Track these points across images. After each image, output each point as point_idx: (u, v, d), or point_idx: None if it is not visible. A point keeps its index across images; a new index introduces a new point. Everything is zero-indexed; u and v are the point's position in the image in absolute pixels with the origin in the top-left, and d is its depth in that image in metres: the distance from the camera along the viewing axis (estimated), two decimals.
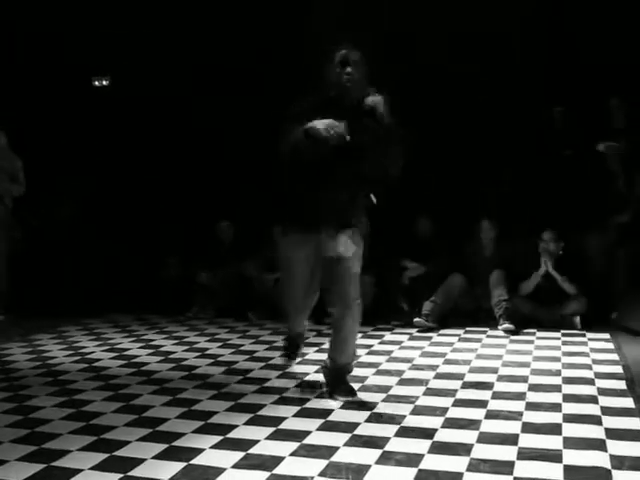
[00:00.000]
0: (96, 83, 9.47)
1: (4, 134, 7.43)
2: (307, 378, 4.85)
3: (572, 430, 3.68)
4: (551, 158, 7.43)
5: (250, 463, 3.36)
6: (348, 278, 4.19)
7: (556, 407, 4.07)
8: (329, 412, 4.06)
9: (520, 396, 4.29)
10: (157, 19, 8.42)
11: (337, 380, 4.37)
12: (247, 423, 3.92)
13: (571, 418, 3.87)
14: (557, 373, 4.82)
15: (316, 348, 5.75)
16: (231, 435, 3.74)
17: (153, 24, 8.43)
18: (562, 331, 6.14)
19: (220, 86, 8.60)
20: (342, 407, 4.14)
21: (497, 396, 4.31)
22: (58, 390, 4.66)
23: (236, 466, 3.33)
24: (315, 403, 4.23)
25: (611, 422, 3.79)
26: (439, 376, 4.82)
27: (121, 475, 3.24)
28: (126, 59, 8.85)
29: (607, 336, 5.92)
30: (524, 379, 4.68)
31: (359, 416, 3.97)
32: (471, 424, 3.81)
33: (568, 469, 3.20)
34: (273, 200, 4.44)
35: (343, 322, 4.24)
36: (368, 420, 3.92)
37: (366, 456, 3.40)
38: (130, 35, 8.55)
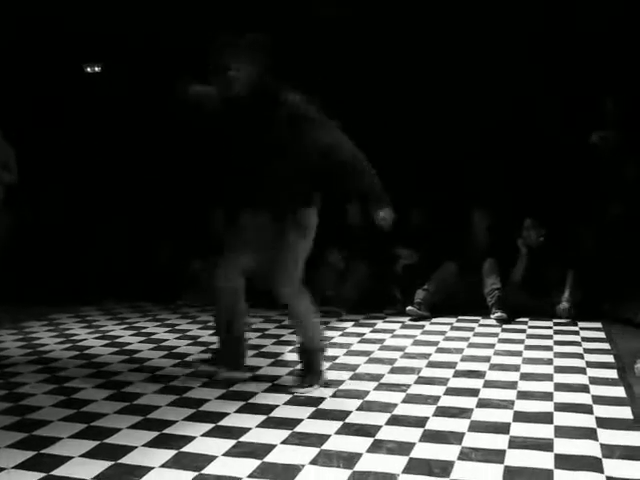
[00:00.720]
0: (88, 69, 9.41)
1: None
2: (299, 367, 4.83)
3: (563, 419, 3.68)
4: (545, 147, 7.43)
5: (241, 451, 3.35)
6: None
7: (548, 396, 4.07)
8: (320, 400, 4.05)
9: (512, 385, 4.29)
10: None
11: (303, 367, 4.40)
12: (238, 411, 3.91)
13: (562, 407, 3.87)
14: (549, 362, 4.82)
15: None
16: (222, 423, 3.73)
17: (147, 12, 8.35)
18: (554, 320, 6.14)
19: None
20: (333, 395, 4.14)
21: (489, 385, 4.31)
22: (49, 377, 4.65)
23: (227, 454, 3.32)
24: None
25: (602, 411, 3.79)
26: (431, 364, 4.81)
27: (111, 462, 3.23)
28: (119, 45, 8.78)
29: (599, 325, 5.93)
30: (516, 368, 4.68)
31: (350, 404, 3.97)
32: (462, 413, 3.81)
33: (559, 458, 3.20)
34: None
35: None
36: (359, 408, 3.91)
37: (357, 444, 3.39)
38: (124, 21, 8.48)
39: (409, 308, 6.38)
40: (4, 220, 7.47)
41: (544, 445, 3.35)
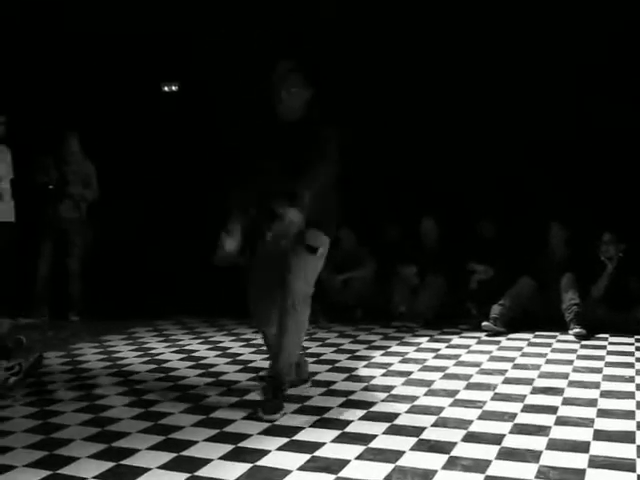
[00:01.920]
0: (165, 88, 9.62)
1: (77, 139, 7.59)
2: (374, 382, 4.82)
3: None
4: (623, 159, 7.26)
5: (316, 465, 3.36)
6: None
7: (629, 414, 3.96)
8: (395, 416, 4.03)
9: (591, 402, 4.19)
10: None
11: (267, 390, 4.22)
12: (313, 425, 3.92)
13: None
14: (630, 379, 4.69)
15: (382, 351, 5.72)
16: (297, 437, 3.74)
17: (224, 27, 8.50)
18: (636, 336, 5.98)
19: None
20: (408, 411, 4.11)
21: (567, 402, 4.22)
22: (128, 390, 4.75)
23: (302, 468, 3.33)
24: (381, 406, 4.21)
25: None
26: (507, 381, 4.74)
27: (188, 475, 3.28)
28: (196, 65, 8.95)
29: None
30: (596, 385, 4.57)
31: (425, 420, 3.93)
32: (540, 430, 3.74)
33: None
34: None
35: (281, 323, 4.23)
36: (434, 424, 3.88)
37: (432, 461, 3.36)
38: (200, 40, 8.65)
39: (485, 323, 6.31)
40: (88, 235, 7.70)
41: (626, 465, 3.25)
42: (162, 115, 9.10)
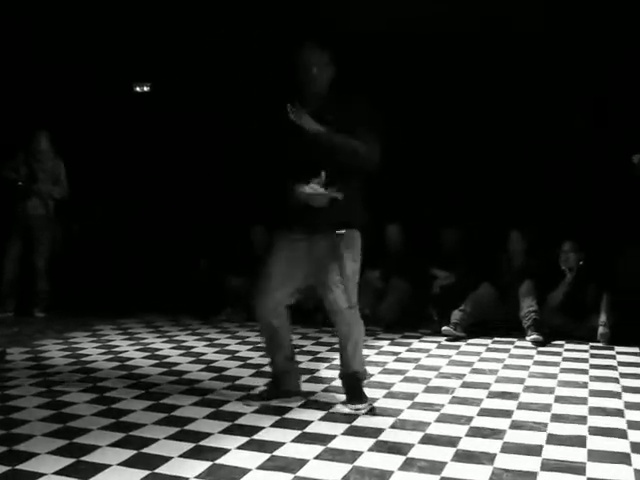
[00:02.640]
0: (137, 89, 9.56)
1: (47, 137, 7.52)
2: (334, 384, 4.83)
3: (597, 443, 3.63)
4: (584, 169, 7.35)
5: (275, 465, 3.36)
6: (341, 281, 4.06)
7: (582, 419, 4.01)
8: (354, 417, 4.04)
9: (546, 407, 4.24)
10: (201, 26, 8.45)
11: (348, 389, 4.28)
12: (273, 425, 3.92)
13: (596, 431, 3.81)
14: (584, 385, 4.75)
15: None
16: (257, 437, 3.74)
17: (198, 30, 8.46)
18: (590, 344, 6.05)
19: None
20: (367, 413, 4.12)
21: (522, 406, 4.26)
22: (91, 387, 4.71)
23: (261, 467, 3.33)
24: (340, 407, 4.22)
25: (637, 436, 3.72)
26: (465, 385, 4.78)
27: (148, 472, 3.26)
28: (169, 66, 8.92)
29: (636, 350, 5.82)
30: (550, 390, 4.62)
31: (384, 422, 3.95)
32: (495, 434, 3.77)
33: None
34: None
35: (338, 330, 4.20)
36: (393, 426, 3.90)
37: (389, 462, 3.38)
38: (174, 41, 8.61)
39: (445, 328, 6.34)
40: (56, 232, 7.64)
41: (577, 469, 3.30)
42: (134, 115, 9.05)
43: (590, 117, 7.40)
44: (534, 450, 3.53)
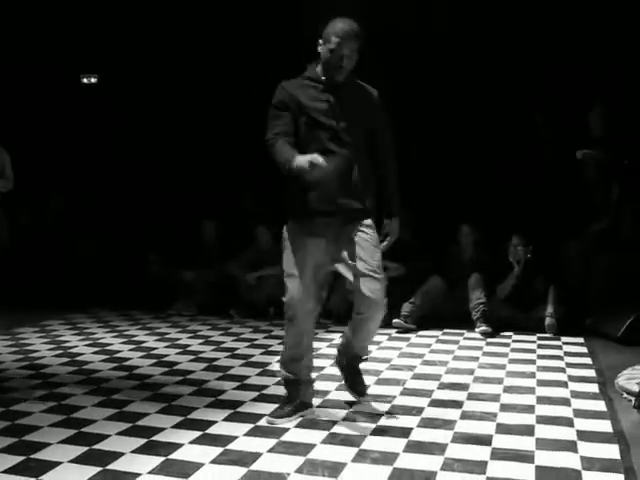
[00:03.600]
0: (84, 80, 9.43)
1: None
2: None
3: (545, 431, 3.71)
4: (530, 165, 7.47)
5: (228, 459, 3.36)
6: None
7: (530, 409, 4.09)
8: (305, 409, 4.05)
9: (495, 397, 4.31)
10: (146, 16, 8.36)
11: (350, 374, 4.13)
12: (226, 419, 3.92)
13: (544, 420, 3.89)
14: (531, 375, 4.84)
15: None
16: (210, 431, 3.73)
17: (143, 21, 8.36)
18: (537, 335, 6.16)
19: (207, 85, 8.58)
20: (320, 405, 4.13)
21: (472, 397, 4.32)
22: (40, 383, 4.64)
23: (215, 461, 3.33)
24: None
25: (583, 424, 3.81)
26: (416, 376, 4.82)
27: (100, 469, 3.23)
28: (115, 56, 8.81)
29: (581, 340, 5.95)
30: (499, 381, 4.69)
31: (336, 414, 3.97)
32: (446, 424, 3.82)
33: (540, 469, 3.22)
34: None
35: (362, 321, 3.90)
36: (345, 419, 3.92)
37: (342, 454, 3.40)
38: (119, 32, 8.51)
39: (395, 321, 6.39)
40: (2, 225, 7.48)
41: (525, 457, 3.36)
42: (81, 107, 8.92)
43: (541, 115, 7.53)
44: (484, 440, 3.59)
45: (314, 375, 4.18)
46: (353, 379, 4.14)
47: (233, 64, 8.35)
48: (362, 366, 4.42)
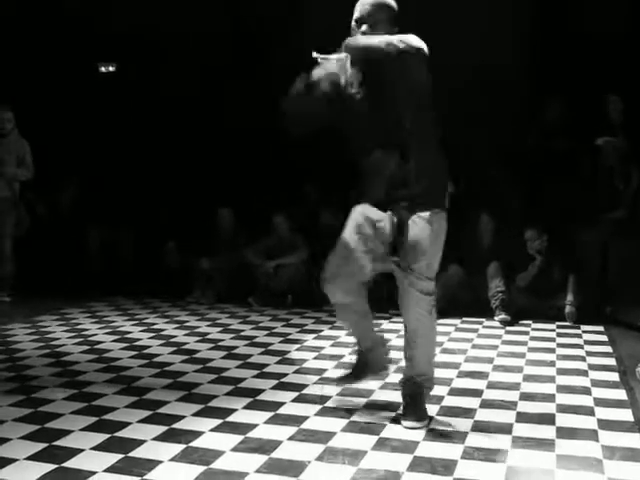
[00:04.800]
0: (102, 69, 9.46)
1: (12, 117, 7.40)
2: (306, 365, 4.84)
3: (565, 420, 3.70)
4: (547, 152, 7.42)
5: (248, 446, 3.37)
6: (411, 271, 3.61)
7: (550, 397, 4.08)
8: (327, 398, 4.06)
9: (515, 386, 4.30)
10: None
11: (407, 398, 3.75)
12: (246, 407, 3.93)
13: (564, 409, 3.88)
14: (551, 364, 4.83)
15: (314, 335, 5.75)
16: (230, 419, 3.75)
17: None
18: (557, 323, 6.14)
19: (221, 73, 8.58)
20: (339, 394, 4.14)
21: (492, 386, 4.32)
22: (61, 372, 4.67)
23: (235, 449, 3.35)
24: (313, 389, 4.23)
25: (603, 413, 3.80)
26: (435, 365, 4.80)
27: (121, 456, 3.26)
28: (132, 46, 8.83)
29: (601, 329, 5.92)
30: (519, 369, 4.69)
31: (356, 403, 3.98)
32: (466, 413, 3.82)
33: (561, 458, 3.22)
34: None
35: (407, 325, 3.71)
36: (365, 407, 3.93)
37: (362, 442, 3.41)
38: (137, 22, 8.52)
39: None
40: (21, 215, 7.53)
41: (546, 446, 3.36)
42: (99, 95, 8.95)
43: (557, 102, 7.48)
44: (504, 428, 3.58)
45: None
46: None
47: (254, 50, 8.35)
48: None
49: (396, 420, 3.71)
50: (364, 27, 3.61)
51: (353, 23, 3.68)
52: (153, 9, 8.31)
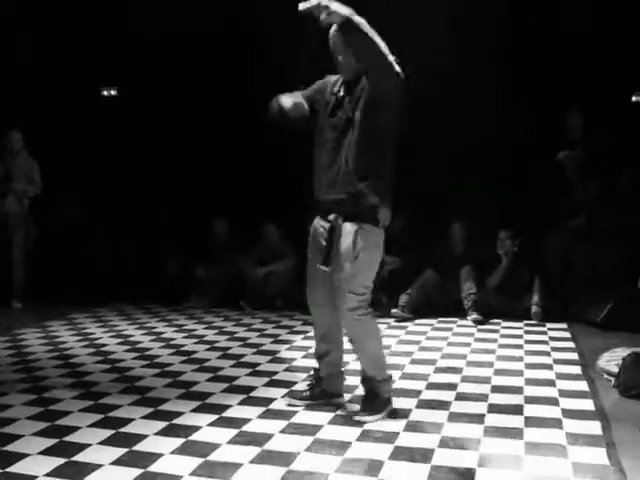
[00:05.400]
0: (105, 93, 9.45)
1: (21, 137, 7.38)
2: (295, 364, 4.85)
3: (532, 410, 3.73)
4: (514, 165, 7.46)
5: (243, 439, 3.39)
6: (340, 286, 3.57)
7: (518, 390, 4.11)
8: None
9: (486, 380, 4.33)
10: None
11: (365, 395, 3.79)
12: (240, 403, 3.94)
13: (531, 399, 3.92)
14: (519, 359, 4.86)
15: (302, 336, 5.76)
16: (226, 414, 3.76)
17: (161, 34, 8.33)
18: (524, 322, 6.17)
19: (218, 96, 8.58)
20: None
21: (466, 380, 4.35)
22: (69, 373, 4.66)
23: (231, 442, 3.36)
24: (302, 385, 4.22)
25: (567, 403, 3.84)
26: (414, 361, 4.84)
27: (126, 449, 3.26)
28: (133, 71, 8.82)
29: (564, 326, 5.96)
30: (490, 364, 4.71)
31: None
32: (442, 405, 3.84)
33: (529, 445, 3.25)
34: None
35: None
36: (349, 401, 3.94)
37: (348, 434, 3.43)
38: (138, 48, 8.50)
39: (394, 310, 6.41)
40: (30, 227, 7.51)
41: (515, 434, 3.39)
42: (101, 118, 8.94)
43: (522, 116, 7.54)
44: (477, 419, 3.61)
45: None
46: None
47: (240, 77, 8.35)
48: None
49: None
50: (339, 58, 3.58)
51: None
52: (155, 36, 8.28)
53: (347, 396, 4.01)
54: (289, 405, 3.84)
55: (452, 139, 7.52)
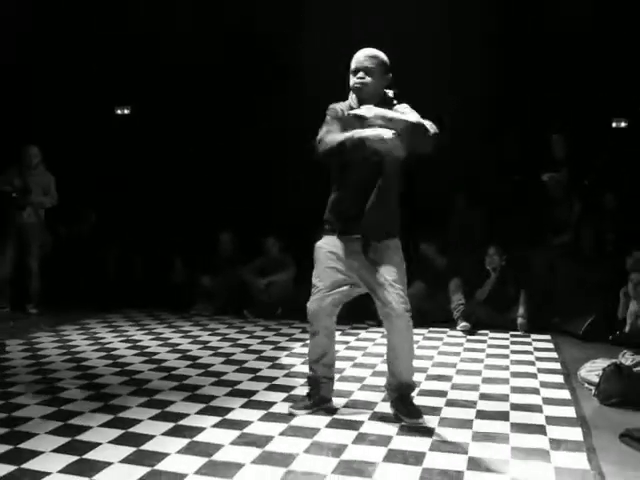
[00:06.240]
0: (118, 111, 9.49)
1: (39, 152, 7.40)
2: (294, 369, 4.84)
3: (518, 417, 3.73)
4: (503, 184, 7.50)
5: (245, 440, 3.38)
6: (388, 285, 3.62)
7: (504, 397, 4.11)
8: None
9: (475, 387, 4.33)
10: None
11: (397, 400, 3.73)
12: (242, 406, 3.93)
13: (517, 407, 3.91)
14: (506, 368, 4.85)
15: (301, 343, 5.75)
16: (229, 416, 3.75)
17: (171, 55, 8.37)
18: (511, 332, 6.17)
19: (223, 111, 8.62)
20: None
21: (455, 387, 4.34)
22: (81, 374, 4.65)
23: (233, 443, 3.35)
24: (300, 390, 4.22)
25: (550, 410, 3.84)
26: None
27: (134, 449, 3.25)
28: (146, 90, 8.86)
29: (548, 337, 5.96)
30: (478, 373, 4.71)
31: (338, 402, 3.98)
32: (433, 411, 3.84)
33: (514, 450, 3.25)
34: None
35: (389, 335, 3.69)
36: (345, 406, 3.94)
37: (344, 437, 3.42)
38: (151, 68, 8.55)
39: None
40: (46, 237, 7.52)
41: (501, 439, 3.39)
42: (115, 135, 8.97)
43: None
44: (466, 424, 3.61)
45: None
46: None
47: (247, 95, 8.38)
48: (359, 360, 4.39)
49: (373, 417, 3.73)
50: (360, 73, 3.52)
51: (351, 75, 3.57)
52: (167, 57, 8.32)
53: (343, 401, 4.01)
54: (290, 415, 3.78)
55: (439, 160, 7.54)
